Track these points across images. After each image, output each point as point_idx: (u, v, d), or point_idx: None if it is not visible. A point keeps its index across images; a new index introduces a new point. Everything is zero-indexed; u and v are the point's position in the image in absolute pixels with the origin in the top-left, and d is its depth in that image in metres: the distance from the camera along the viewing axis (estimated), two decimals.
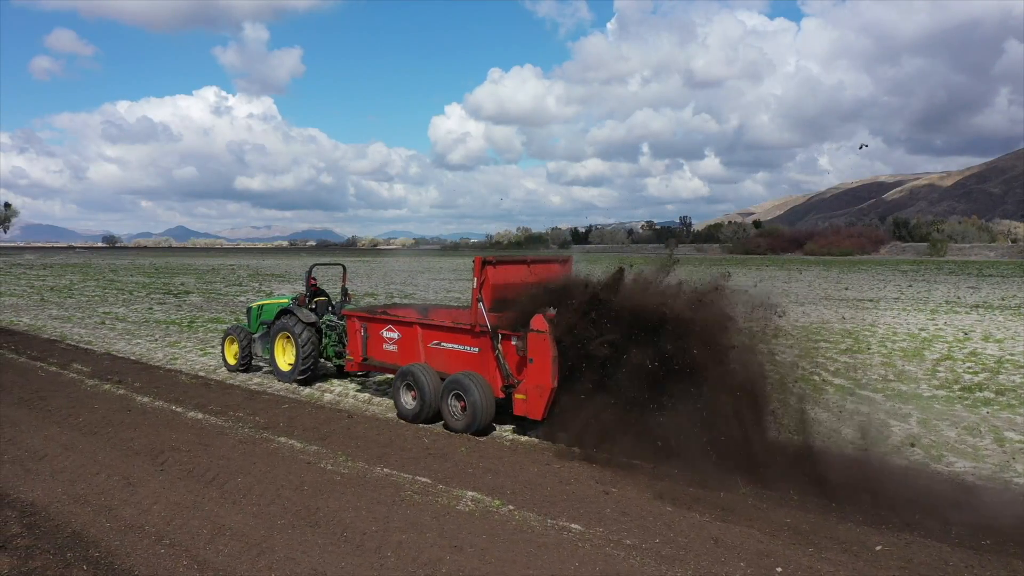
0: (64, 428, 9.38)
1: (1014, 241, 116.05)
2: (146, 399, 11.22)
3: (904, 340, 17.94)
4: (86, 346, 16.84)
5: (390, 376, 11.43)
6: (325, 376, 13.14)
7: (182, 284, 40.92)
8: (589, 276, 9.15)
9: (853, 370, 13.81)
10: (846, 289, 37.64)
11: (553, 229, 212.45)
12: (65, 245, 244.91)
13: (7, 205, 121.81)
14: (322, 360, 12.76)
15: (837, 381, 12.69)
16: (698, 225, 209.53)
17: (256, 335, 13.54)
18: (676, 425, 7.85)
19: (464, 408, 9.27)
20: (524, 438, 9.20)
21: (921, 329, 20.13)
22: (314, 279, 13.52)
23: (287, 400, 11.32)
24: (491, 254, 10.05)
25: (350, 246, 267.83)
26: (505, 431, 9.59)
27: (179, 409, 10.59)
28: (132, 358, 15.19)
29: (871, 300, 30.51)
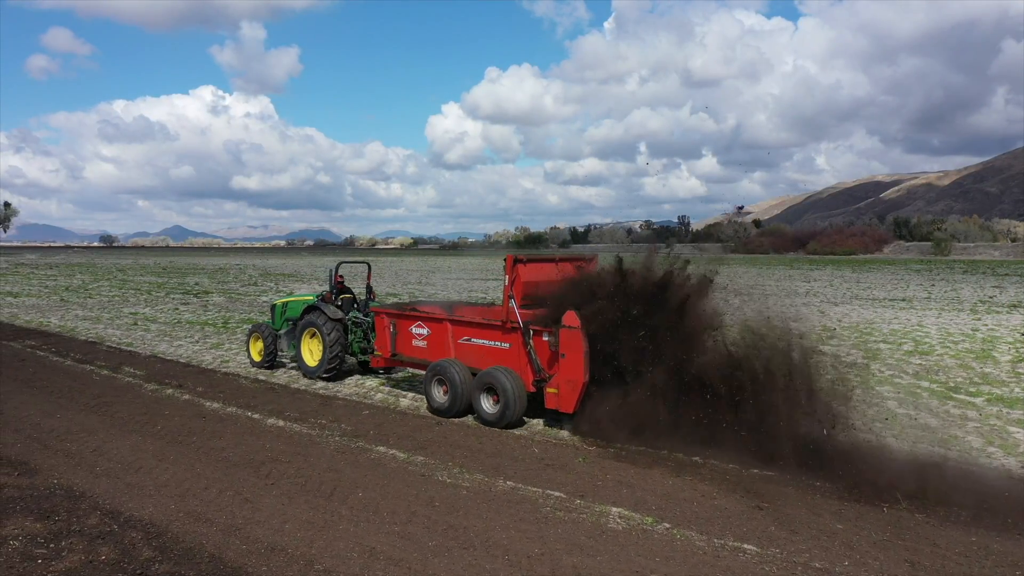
0: (146, 437, 8.87)
1: (1014, 240, 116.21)
2: (216, 405, 10.71)
3: (963, 341, 17.55)
4: (127, 348, 16.30)
5: (415, 371, 11.98)
6: (349, 372, 13.12)
7: (196, 284, 40.34)
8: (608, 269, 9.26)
9: (932, 372, 13.41)
10: (867, 288, 37.33)
11: (552, 228, 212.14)
12: (62, 244, 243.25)
13: (7, 204, 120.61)
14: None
15: (924, 384, 12.27)
16: (696, 224, 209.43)
17: (281, 332, 13.69)
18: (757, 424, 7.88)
19: (496, 401, 9.48)
20: (631, 447, 8.72)
21: (974, 330, 19.75)
22: (341, 276, 13.61)
23: (364, 406, 10.83)
24: (521, 253, 10.43)
25: (348, 245, 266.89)
26: (536, 424, 9.68)
27: (255, 415, 10.09)
28: (181, 361, 14.66)
29: (903, 300, 30.16)
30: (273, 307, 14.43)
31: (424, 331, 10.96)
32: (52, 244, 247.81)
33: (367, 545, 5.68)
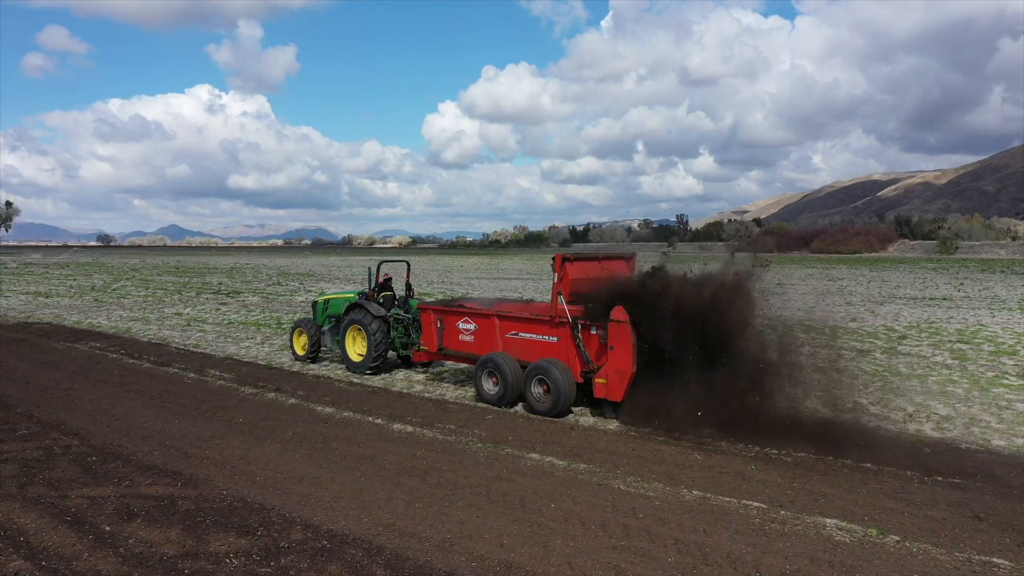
0: (285, 444, 8.53)
1: (1014, 239, 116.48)
2: (330, 409, 10.38)
3: None
4: (196, 350, 15.93)
5: (456, 365, 12.99)
6: (392, 367, 13.70)
7: (220, 284, 39.89)
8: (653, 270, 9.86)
9: None
10: (897, 288, 37.16)
11: (551, 227, 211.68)
12: (60, 244, 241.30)
13: (8, 204, 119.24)
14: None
15: None
16: (695, 223, 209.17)
17: (325, 328, 14.21)
18: None
19: (547, 391, 10.01)
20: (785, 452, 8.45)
21: None
22: (388, 275, 13.99)
23: (483, 410, 10.50)
24: (568, 252, 10.98)
25: (345, 244, 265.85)
26: (583, 413, 10.06)
27: (378, 420, 9.77)
28: (260, 363, 14.31)
29: (943, 299, 30.00)
30: (315, 304, 14.91)
31: (471, 326, 11.40)
32: (50, 244, 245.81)
33: (608, 563, 5.37)
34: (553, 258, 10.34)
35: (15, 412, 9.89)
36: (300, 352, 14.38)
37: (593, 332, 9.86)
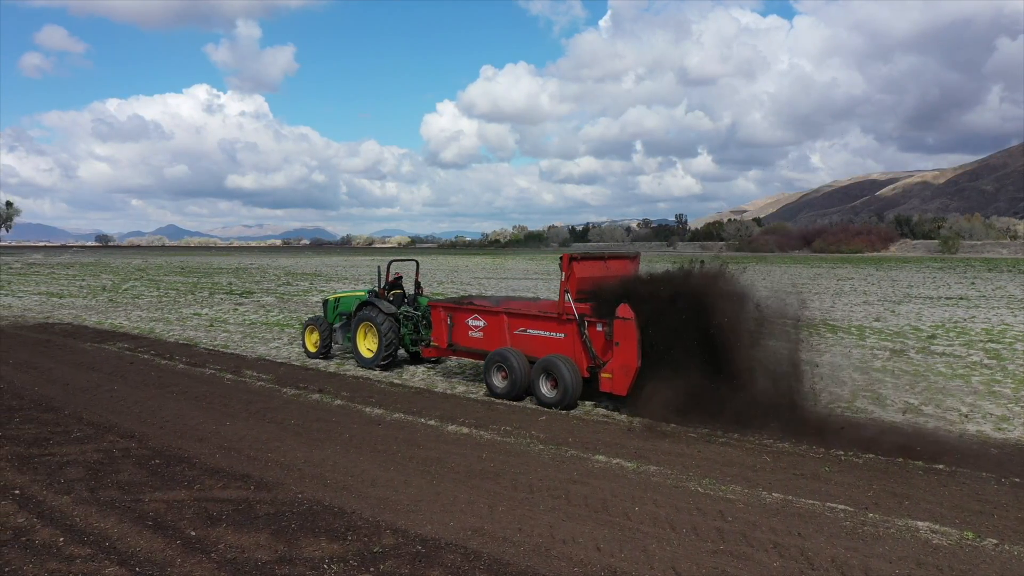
0: (346, 447, 8.42)
1: (1013, 238, 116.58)
2: (379, 411, 10.27)
3: None
4: (226, 350, 15.80)
5: (464, 360, 13.43)
6: (401, 363, 14.09)
7: (230, 284, 39.73)
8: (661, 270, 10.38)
9: None
10: (911, 287, 37.12)
11: (551, 227, 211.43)
12: (59, 244, 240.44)
13: (9, 204, 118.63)
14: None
15: None
16: (694, 223, 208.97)
17: (336, 325, 14.58)
18: None
19: (555, 385, 10.37)
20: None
21: None
22: (399, 274, 14.39)
23: (536, 411, 10.39)
24: (575, 252, 11.23)
25: (344, 245, 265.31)
26: (587, 406, 10.34)
27: (431, 422, 9.66)
28: (295, 363, 14.19)
29: (960, 298, 29.97)
30: (326, 302, 15.24)
31: (480, 323, 11.77)
32: (49, 244, 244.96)
33: (713, 567, 5.28)
34: (561, 257, 10.70)
35: (63, 414, 9.76)
36: (312, 349, 14.65)
37: (599, 328, 10.19)
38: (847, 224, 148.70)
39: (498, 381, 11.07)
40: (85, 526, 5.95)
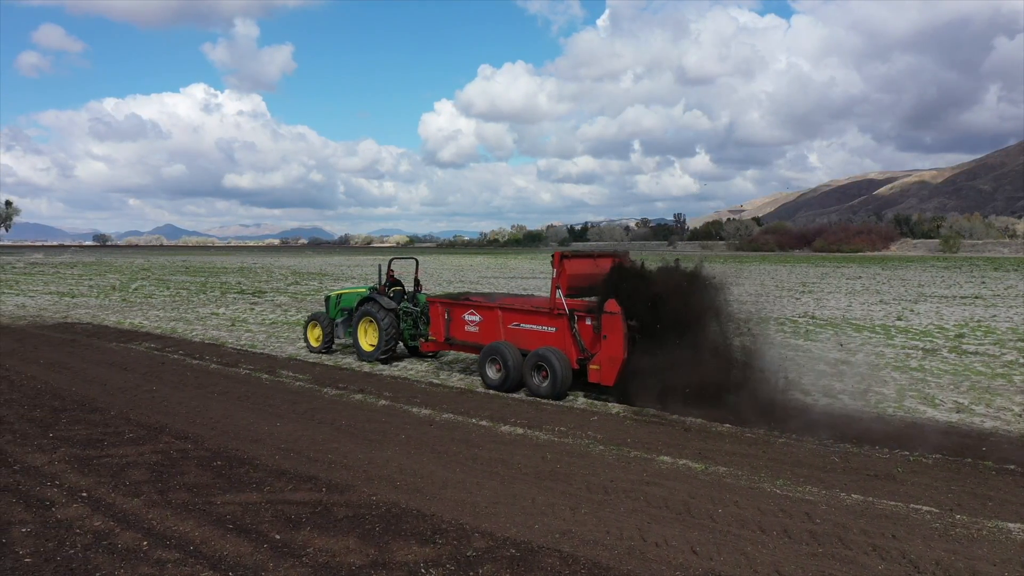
0: (402, 447, 8.29)
1: (1012, 237, 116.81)
2: (425, 411, 10.15)
3: None
4: (254, 350, 15.65)
5: (462, 354, 13.80)
6: (399, 356, 14.55)
7: (239, 284, 39.55)
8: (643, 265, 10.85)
9: None
10: (922, 287, 37.08)
11: (549, 227, 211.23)
12: (56, 244, 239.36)
13: (8, 203, 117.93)
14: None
15: None
16: (692, 222, 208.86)
17: (338, 320, 14.94)
18: None
19: (546, 377, 10.82)
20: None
21: None
22: (393, 271, 14.90)
23: (587, 411, 10.28)
24: (566, 250, 11.92)
25: (343, 244, 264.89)
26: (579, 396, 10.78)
27: (482, 422, 9.54)
28: (328, 363, 14.05)
29: (975, 297, 29.93)
30: (327, 298, 15.66)
31: (476, 318, 12.27)
32: (46, 243, 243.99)
33: (817, 570, 5.17)
34: (552, 256, 11.23)
35: (109, 415, 9.63)
36: (314, 344, 15.10)
37: (588, 323, 10.71)
38: (847, 223, 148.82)
39: (492, 373, 11.52)
40: (164, 529, 5.82)
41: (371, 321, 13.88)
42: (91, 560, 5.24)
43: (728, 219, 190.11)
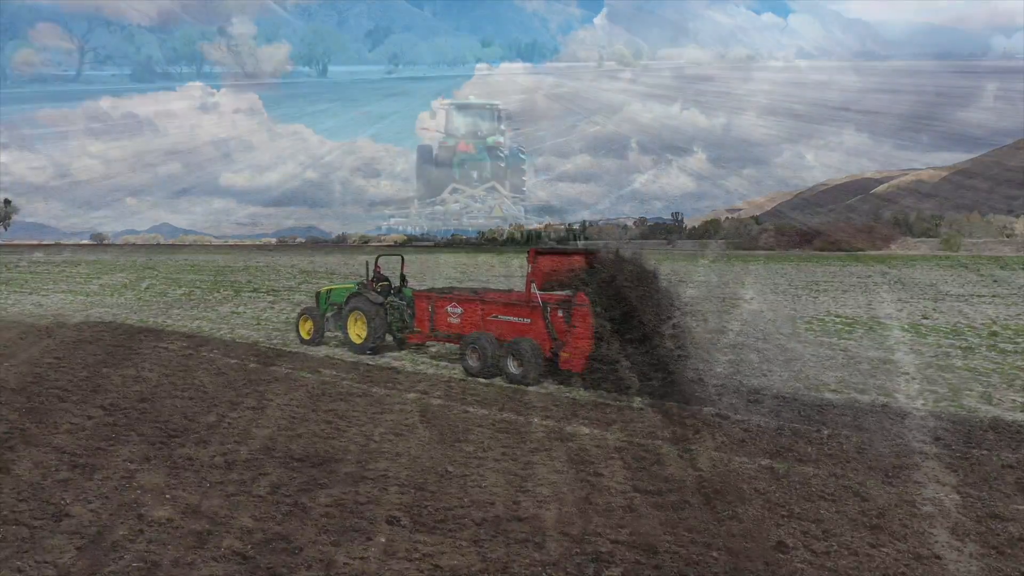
0: (491, 452, 8.21)
1: (1010, 236, 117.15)
2: (482, 411, 10.06)
3: None
4: (288, 349, 15.49)
5: (448, 346, 14.43)
6: (387, 348, 15.17)
7: (250, 282, 39.31)
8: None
9: None
10: (934, 285, 37.09)
11: (548, 226, 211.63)
12: (53, 243, 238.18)
13: (7, 202, 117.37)
14: None
15: None
16: (690, 221, 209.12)
17: (328, 315, 15.79)
18: None
19: (520, 364, 11.59)
20: None
21: None
22: (380, 267, 15.82)
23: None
24: (539, 247, 13.21)
25: (340, 243, 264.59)
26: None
27: (546, 422, 9.47)
28: (367, 362, 13.94)
29: (993, 296, 29.91)
30: (318, 294, 16.60)
31: (458, 310, 13.15)
32: (42, 242, 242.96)
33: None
34: (528, 252, 12.10)
35: (176, 414, 9.50)
36: (305, 336, 15.86)
37: (559, 314, 11.48)
38: (847, 223, 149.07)
39: (472, 361, 12.33)
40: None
41: (360, 315, 14.60)
42: (266, 558, 5.10)
43: (726, 218, 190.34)
